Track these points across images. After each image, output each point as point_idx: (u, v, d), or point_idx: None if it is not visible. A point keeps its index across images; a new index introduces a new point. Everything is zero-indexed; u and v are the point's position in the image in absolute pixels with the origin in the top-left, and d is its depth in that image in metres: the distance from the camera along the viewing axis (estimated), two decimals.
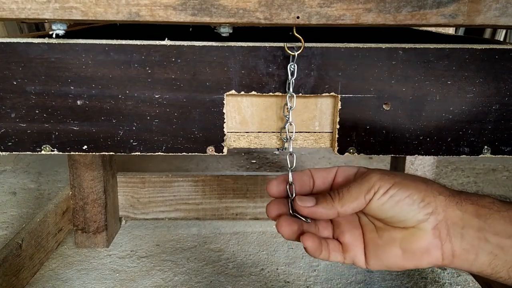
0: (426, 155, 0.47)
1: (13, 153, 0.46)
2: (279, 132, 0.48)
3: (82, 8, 0.41)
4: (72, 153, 0.46)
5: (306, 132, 0.48)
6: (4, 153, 0.45)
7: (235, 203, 1.22)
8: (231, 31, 0.44)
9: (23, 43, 0.42)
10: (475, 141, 0.47)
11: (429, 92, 0.45)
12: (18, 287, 0.90)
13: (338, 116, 0.46)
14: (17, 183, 1.50)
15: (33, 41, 0.42)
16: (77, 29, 0.65)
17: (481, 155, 0.47)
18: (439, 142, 0.47)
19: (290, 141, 0.46)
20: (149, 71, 0.44)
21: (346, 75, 0.44)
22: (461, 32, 2.12)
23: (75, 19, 0.41)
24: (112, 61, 0.43)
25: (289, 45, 0.43)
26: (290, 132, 0.46)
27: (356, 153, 0.47)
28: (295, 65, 0.43)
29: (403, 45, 0.44)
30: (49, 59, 0.43)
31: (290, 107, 0.45)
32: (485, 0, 0.41)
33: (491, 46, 0.44)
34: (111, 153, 0.60)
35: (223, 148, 0.46)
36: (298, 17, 0.41)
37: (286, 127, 0.46)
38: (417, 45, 0.44)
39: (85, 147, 0.46)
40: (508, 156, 0.47)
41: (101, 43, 0.43)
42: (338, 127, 0.46)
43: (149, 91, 0.44)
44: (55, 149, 0.45)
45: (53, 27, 0.43)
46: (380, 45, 0.44)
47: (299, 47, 0.43)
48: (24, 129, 0.45)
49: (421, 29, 0.80)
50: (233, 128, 0.48)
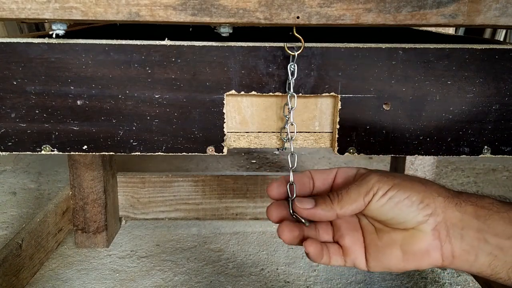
0: (426, 155, 0.47)
1: (13, 153, 0.46)
2: (279, 132, 0.48)
3: (82, 8, 0.41)
4: (72, 153, 0.46)
5: (306, 132, 0.48)
6: (4, 153, 0.45)
7: (235, 203, 1.22)
8: (231, 31, 0.44)
9: (23, 43, 0.42)
10: (475, 141, 0.47)
11: (429, 92, 0.45)
12: (18, 287, 0.90)
13: (338, 116, 0.46)
14: (17, 183, 1.50)
15: (33, 41, 0.42)
16: (77, 29, 0.65)
17: (481, 155, 0.47)
18: (439, 142, 0.47)
19: (291, 141, 0.46)
20: (149, 71, 0.44)
21: (346, 75, 0.44)
22: (461, 32, 2.12)
23: (75, 19, 0.41)
24: (112, 61, 0.43)
25: (289, 45, 0.43)
26: (291, 132, 0.46)
27: (356, 153, 0.47)
28: (295, 65, 0.43)
29: (403, 45, 0.44)
30: (49, 59, 0.43)
31: (291, 107, 0.45)
32: (485, 0, 0.41)
33: (491, 46, 0.44)
34: (111, 153, 0.60)
35: (223, 148, 0.46)
36: (298, 17, 0.41)
37: (286, 127, 0.47)
38: (417, 45, 0.44)
39: (85, 147, 0.46)
40: (508, 156, 0.47)
41: (101, 43, 0.43)
42: (338, 127, 0.46)
43: (149, 91, 0.44)
44: (55, 149, 0.45)
45: (53, 27, 0.43)
46: (380, 45, 0.44)
47: (299, 47, 0.43)
48: (24, 129, 0.45)
49: (421, 29, 0.80)
50: (233, 128, 0.48)
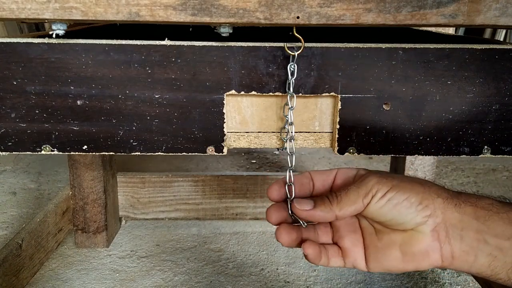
0: (426, 155, 0.47)
1: (13, 153, 0.46)
2: (279, 132, 0.48)
3: (82, 8, 0.41)
4: (72, 153, 0.46)
5: (306, 132, 0.48)
6: (4, 153, 0.45)
7: (235, 203, 1.22)
8: (231, 31, 0.44)
9: (23, 43, 0.42)
10: (475, 141, 0.47)
11: (429, 92, 0.45)
12: (18, 287, 0.90)
13: (338, 116, 0.46)
14: (17, 183, 1.50)
15: (33, 41, 0.42)
16: (77, 29, 0.65)
17: (481, 155, 0.47)
18: (439, 142, 0.47)
19: (290, 141, 0.46)
20: (149, 71, 0.44)
21: (346, 75, 0.44)
22: (461, 32, 2.12)
23: (75, 19, 0.41)
24: (112, 61, 0.43)
25: (289, 45, 0.43)
26: (290, 132, 0.46)
27: (356, 153, 0.47)
28: (295, 65, 0.43)
29: (403, 45, 0.44)
30: (49, 59, 0.43)
31: (291, 107, 0.45)
32: (485, 0, 0.41)
33: (491, 46, 0.44)
34: (111, 153, 0.60)
35: (223, 148, 0.46)
36: (298, 17, 0.41)
37: (286, 127, 0.47)
38: (417, 45, 0.44)
39: (85, 147, 0.46)
40: (508, 156, 0.47)
41: (101, 43, 0.43)
42: (338, 127, 0.46)
43: (149, 91, 0.44)
44: (55, 149, 0.45)
45: (53, 27, 0.43)
46: (380, 45, 0.44)
47: (299, 47, 0.43)
48: (24, 129, 0.45)
49: (421, 29, 0.80)
50: (233, 128, 0.48)
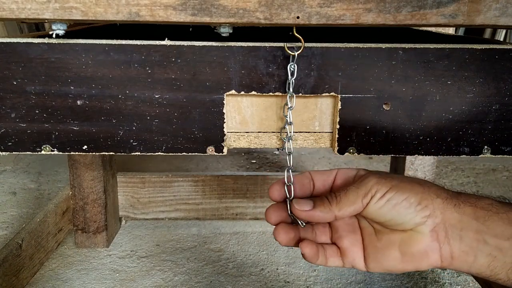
0: (426, 155, 0.47)
1: (13, 153, 0.46)
2: (279, 132, 0.48)
3: (82, 8, 0.41)
4: (72, 153, 0.46)
5: (306, 132, 0.48)
6: (4, 153, 0.45)
7: (235, 203, 1.22)
8: (231, 31, 0.44)
9: (23, 43, 0.42)
10: (475, 141, 0.47)
11: (429, 92, 0.45)
12: (18, 287, 0.90)
13: (338, 116, 0.46)
14: (17, 183, 1.50)
15: (33, 41, 0.42)
16: (77, 29, 0.65)
17: (481, 155, 0.47)
18: (439, 142, 0.47)
19: (290, 140, 0.46)
20: (149, 71, 0.44)
21: (346, 75, 0.44)
22: (461, 32, 2.12)
23: (75, 19, 0.41)
24: (112, 61, 0.43)
25: (289, 45, 0.43)
26: (289, 131, 0.46)
27: (356, 153, 0.47)
28: (295, 65, 0.43)
29: (403, 45, 0.44)
30: (49, 59, 0.43)
31: (290, 107, 0.45)
32: (485, 0, 0.41)
33: (491, 46, 0.44)
34: (111, 153, 0.60)
35: (223, 148, 0.46)
36: (298, 17, 0.41)
37: (286, 127, 0.47)
38: (417, 45, 0.44)
39: (85, 147, 0.46)
40: (508, 156, 0.47)
41: (101, 43, 0.43)
42: (338, 127, 0.46)
43: (149, 91, 0.44)
44: (55, 149, 0.45)
45: (53, 27, 0.43)
46: (380, 45, 0.44)
47: (299, 47, 0.43)
48: (24, 129, 0.45)
49: (421, 29, 0.80)
50: (233, 128, 0.48)
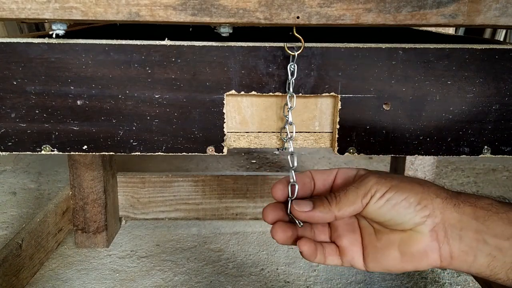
0: (426, 155, 0.47)
1: (13, 153, 0.46)
2: (279, 132, 0.48)
3: (82, 8, 0.41)
4: (72, 153, 0.46)
5: (306, 132, 0.48)
6: (4, 153, 0.45)
7: (235, 203, 1.22)
8: (231, 31, 0.44)
9: (23, 43, 0.42)
10: (475, 141, 0.47)
11: (429, 92, 0.45)
12: (18, 287, 0.90)
13: (338, 116, 0.46)
14: (17, 183, 1.50)
15: (33, 41, 0.42)
16: (77, 29, 0.65)
17: (481, 155, 0.47)
18: (439, 142, 0.47)
19: (290, 140, 0.46)
20: (149, 71, 0.44)
21: (346, 75, 0.44)
22: (461, 32, 2.12)
23: (75, 19, 0.41)
24: (112, 61, 0.43)
25: (289, 45, 0.43)
26: (290, 132, 0.46)
27: (356, 153, 0.47)
28: (295, 65, 0.43)
29: (403, 45, 0.44)
30: (49, 59, 0.43)
31: (290, 107, 0.45)
32: (485, 0, 0.41)
33: (491, 46, 0.44)
34: (111, 153, 0.60)
35: (223, 148, 0.46)
36: (298, 17, 0.41)
37: (286, 127, 0.47)
38: (417, 45, 0.44)
39: (85, 147, 0.46)
40: (508, 156, 0.47)
41: (101, 43, 0.43)
42: (338, 127, 0.46)
43: (149, 91, 0.44)
44: (55, 149, 0.45)
45: (53, 27, 0.43)
46: (380, 45, 0.44)
47: (299, 47, 0.43)
48: (24, 129, 0.45)
49: (421, 29, 0.80)
50: (233, 128, 0.48)
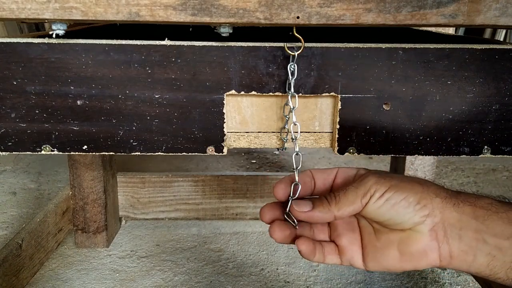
0: (426, 155, 0.47)
1: (13, 153, 0.46)
2: (279, 132, 0.48)
3: (82, 8, 0.41)
4: (72, 153, 0.46)
5: (306, 132, 0.48)
6: (4, 153, 0.45)
7: (235, 203, 1.22)
8: (231, 31, 0.44)
9: (23, 43, 0.42)
10: (475, 141, 0.47)
11: (429, 92, 0.45)
12: (18, 287, 0.90)
13: (338, 116, 0.46)
14: (17, 183, 1.50)
15: (33, 41, 0.42)
16: (77, 29, 0.65)
17: (481, 155, 0.47)
18: (439, 142, 0.47)
19: (295, 140, 0.46)
20: (149, 71, 0.44)
21: (346, 75, 0.44)
22: (461, 32, 2.12)
23: (75, 19, 0.41)
24: (112, 61, 0.43)
25: (289, 45, 0.43)
26: (295, 132, 0.46)
27: (356, 153, 0.47)
28: (295, 65, 0.43)
29: (403, 45, 0.44)
30: (49, 59, 0.43)
31: (292, 107, 0.45)
32: (485, 0, 0.41)
33: (491, 46, 0.44)
34: (111, 153, 0.60)
35: (223, 148, 0.46)
36: (298, 17, 0.41)
37: (286, 127, 0.46)
38: (417, 45, 0.44)
39: (85, 147, 0.46)
40: (508, 156, 0.47)
41: (101, 43, 0.43)
42: (338, 127, 0.46)
43: (149, 91, 0.44)
44: (55, 149, 0.45)
45: (53, 27, 0.43)
46: (380, 45, 0.44)
47: (299, 47, 0.43)
48: (24, 129, 0.45)
49: (421, 29, 0.80)
50: (233, 128, 0.48)
